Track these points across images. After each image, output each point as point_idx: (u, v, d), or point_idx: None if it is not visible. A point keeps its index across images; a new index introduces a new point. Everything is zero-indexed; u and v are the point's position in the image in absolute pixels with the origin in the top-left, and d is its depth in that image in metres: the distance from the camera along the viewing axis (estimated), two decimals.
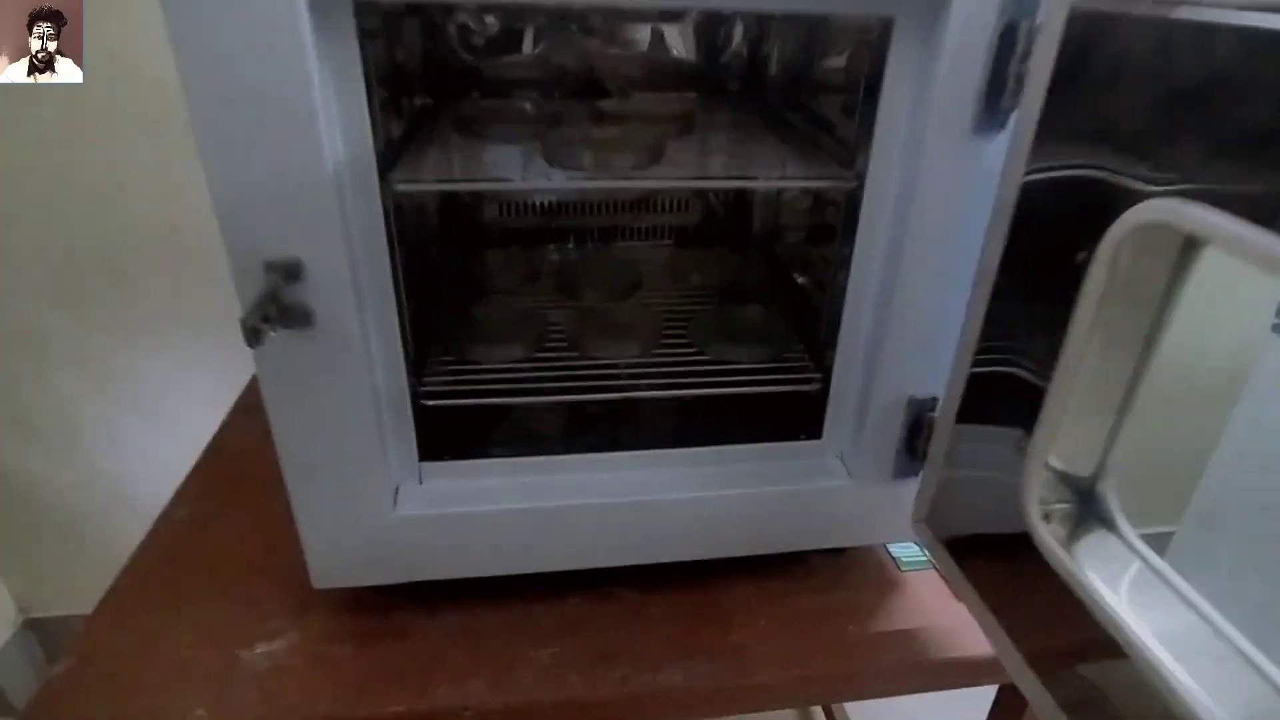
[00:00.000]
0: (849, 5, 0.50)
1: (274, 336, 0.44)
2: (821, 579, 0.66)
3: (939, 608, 0.64)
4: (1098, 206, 0.37)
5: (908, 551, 0.69)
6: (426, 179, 0.58)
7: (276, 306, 0.44)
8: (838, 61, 0.67)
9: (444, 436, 0.60)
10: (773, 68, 0.83)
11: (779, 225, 0.88)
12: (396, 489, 0.58)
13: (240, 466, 0.80)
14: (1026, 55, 0.44)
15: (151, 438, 1.26)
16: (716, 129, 0.78)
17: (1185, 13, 0.33)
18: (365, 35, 0.45)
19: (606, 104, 0.77)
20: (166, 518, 0.73)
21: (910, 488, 0.59)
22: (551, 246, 0.89)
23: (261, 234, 0.44)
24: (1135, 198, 0.35)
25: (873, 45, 0.50)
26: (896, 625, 0.63)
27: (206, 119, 0.41)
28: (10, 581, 1.39)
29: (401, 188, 0.52)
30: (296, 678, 0.57)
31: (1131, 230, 0.35)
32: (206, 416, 1.23)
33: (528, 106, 0.77)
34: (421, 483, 0.59)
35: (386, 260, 0.50)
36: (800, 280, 0.78)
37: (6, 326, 1.15)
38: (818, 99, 0.72)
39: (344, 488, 0.54)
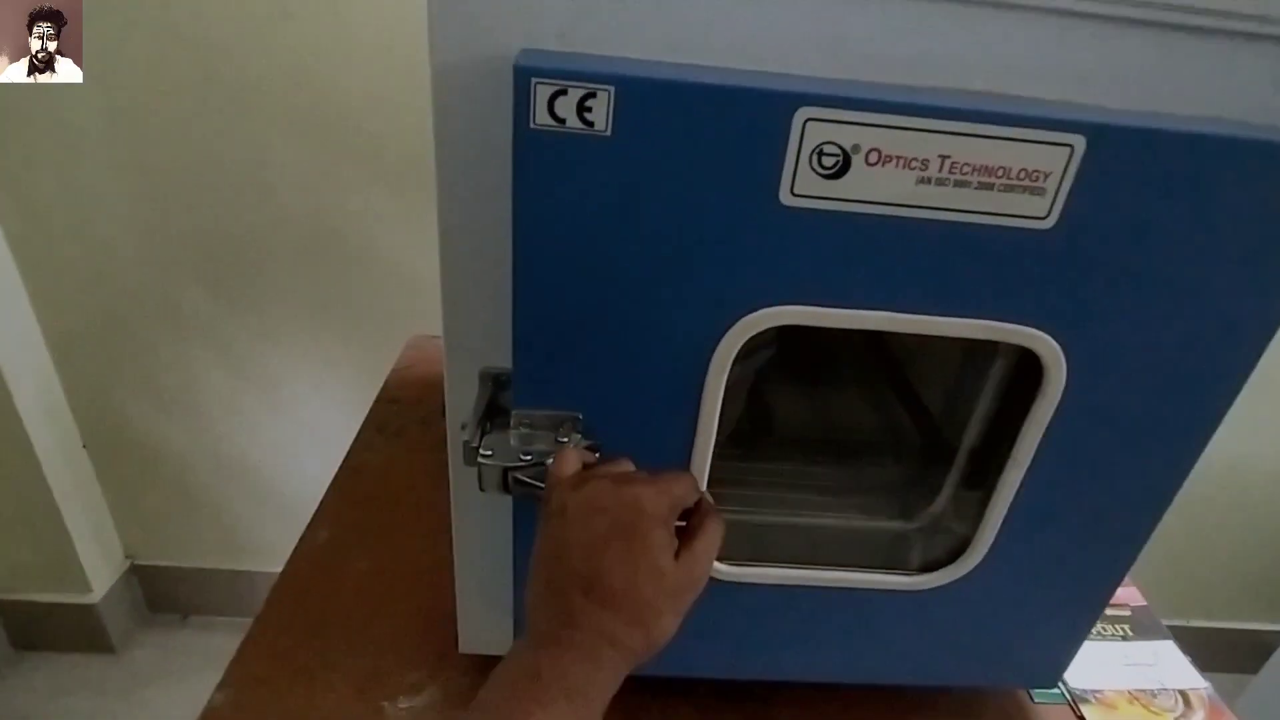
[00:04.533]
0: None
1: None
2: None
3: None
4: None
5: None
6: None
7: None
8: None
9: None
10: None
11: None
12: None
13: (376, 488, 0.87)
14: None
15: (267, 418, 1.38)
16: None
17: None
18: None
19: None
20: (308, 540, 0.78)
21: None
22: None
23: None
24: None
25: None
26: None
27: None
28: (121, 529, 1.51)
29: None
30: None
31: None
32: (323, 410, 1.35)
33: None
34: None
35: None
36: None
37: (153, 298, 1.25)
38: None
39: (501, 569, 0.56)
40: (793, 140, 0.37)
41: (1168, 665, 0.74)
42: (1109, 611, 0.79)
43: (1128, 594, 0.82)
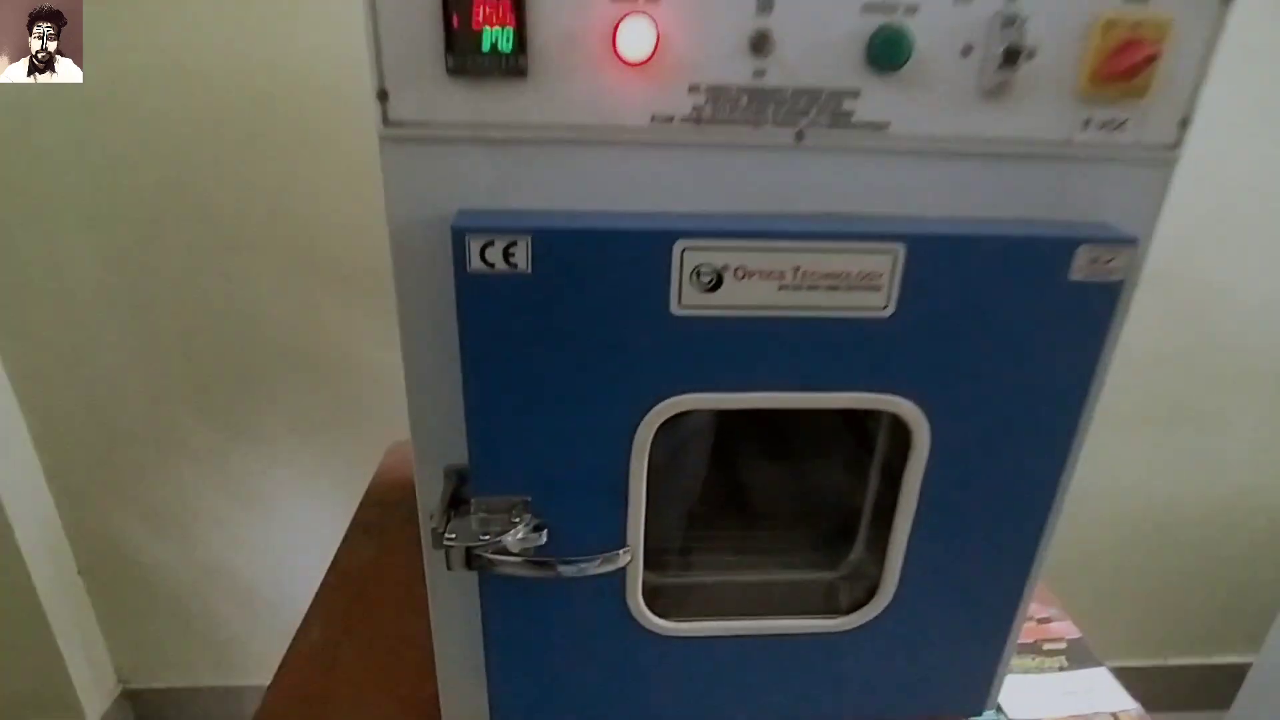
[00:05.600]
0: None
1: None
2: None
3: None
4: None
5: None
6: None
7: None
8: None
9: None
10: None
11: None
12: None
13: (364, 587, 0.92)
14: None
15: (259, 534, 1.43)
16: None
17: None
18: None
19: None
20: (301, 640, 0.84)
21: None
22: None
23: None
24: None
25: None
26: None
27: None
28: (114, 653, 1.54)
29: None
30: None
31: None
32: (314, 521, 1.40)
33: None
34: None
35: None
36: None
37: (149, 427, 1.33)
38: None
39: (476, 645, 0.61)
40: (675, 265, 0.47)
41: (1101, 691, 0.81)
42: (1048, 646, 0.86)
43: (1064, 628, 0.89)
